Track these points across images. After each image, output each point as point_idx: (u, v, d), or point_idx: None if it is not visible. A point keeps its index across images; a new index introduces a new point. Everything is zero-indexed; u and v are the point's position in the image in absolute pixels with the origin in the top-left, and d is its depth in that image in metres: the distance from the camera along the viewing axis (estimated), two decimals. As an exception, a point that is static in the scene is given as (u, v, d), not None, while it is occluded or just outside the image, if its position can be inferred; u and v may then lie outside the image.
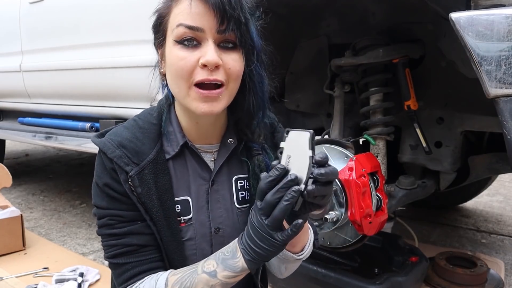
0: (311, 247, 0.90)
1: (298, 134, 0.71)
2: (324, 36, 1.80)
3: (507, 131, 0.87)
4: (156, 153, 0.81)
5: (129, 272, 0.79)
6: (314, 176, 0.68)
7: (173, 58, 0.74)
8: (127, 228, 0.80)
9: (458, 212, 2.89)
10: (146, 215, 0.80)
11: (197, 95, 0.74)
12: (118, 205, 0.80)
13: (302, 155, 0.70)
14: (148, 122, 0.84)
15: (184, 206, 0.84)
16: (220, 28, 0.72)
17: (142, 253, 0.80)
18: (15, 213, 2.08)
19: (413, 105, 1.54)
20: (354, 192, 1.31)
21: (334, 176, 0.69)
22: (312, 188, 0.67)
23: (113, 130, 0.84)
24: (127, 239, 0.79)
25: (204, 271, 0.74)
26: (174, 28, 0.74)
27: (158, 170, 0.80)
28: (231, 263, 0.73)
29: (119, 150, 0.79)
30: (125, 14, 2.01)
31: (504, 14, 0.86)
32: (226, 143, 0.88)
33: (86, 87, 2.33)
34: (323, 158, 0.69)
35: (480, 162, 1.76)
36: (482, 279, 1.69)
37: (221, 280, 0.73)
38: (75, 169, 4.31)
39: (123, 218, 0.80)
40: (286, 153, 0.72)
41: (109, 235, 0.80)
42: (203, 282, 0.73)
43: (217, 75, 0.73)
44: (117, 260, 0.80)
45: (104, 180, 0.79)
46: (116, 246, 0.80)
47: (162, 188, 0.81)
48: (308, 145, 0.69)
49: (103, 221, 0.81)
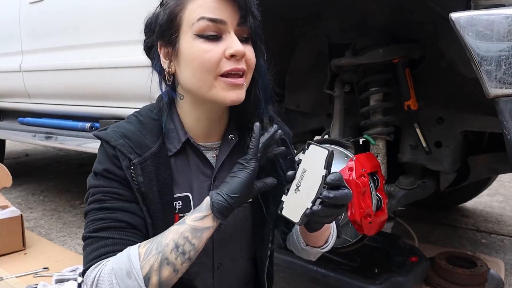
0: (334, 237, 0.93)
1: (317, 150, 0.71)
2: (324, 36, 1.80)
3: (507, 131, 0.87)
4: (158, 147, 0.81)
5: (105, 248, 0.73)
6: (323, 197, 0.68)
7: (196, 51, 0.74)
8: (122, 204, 0.76)
9: (458, 212, 2.89)
10: (143, 205, 0.78)
11: (225, 84, 0.75)
12: (115, 185, 0.77)
13: (316, 173, 0.69)
14: (149, 117, 0.84)
15: (185, 203, 0.84)
16: (240, 21, 0.75)
17: (129, 233, 0.75)
18: (15, 213, 2.08)
19: (413, 105, 1.54)
20: (354, 192, 1.31)
21: (343, 201, 0.69)
22: (318, 209, 0.68)
23: (115, 124, 0.84)
24: (118, 214, 0.75)
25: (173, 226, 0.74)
26: (195, 22, 0.74)
27: (160, 164, 0.80)
28: (198, 208, 0.75)
29: (122, 139, 0.78)
30: (125, 14, 2.01)
31: (504, 14, 0.86)
32: (228, 139, 0.88)
33: (86, 87, 2.33)
34: (335, 180, 0.68)
35: (480, 162, 1.76)
36: (482, 279, 1.69)
37: (189, 225, 0.72)
38: (75, 169, 4.31)
39: (119, 196, 0.77)
40: (303, 166, 0.72)
41: (98, 209, 0.75)
42: (172, 231, 0.73)
43: (243, 65, 0.76)
44: (98, 233, 0.74)
45: (105, 165, 0.78)
46: (103, 220, 0.74)
47: (162, 182, 0.80)
48: (324, 164, 0.69)
49: (95, 197, 0.77)
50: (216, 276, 0.89)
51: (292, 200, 0.73)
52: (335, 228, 0.94)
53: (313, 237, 0.89)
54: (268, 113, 0.90)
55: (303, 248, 0.92)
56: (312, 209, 0.68)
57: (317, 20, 1.77)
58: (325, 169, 0.68)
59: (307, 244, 0.92)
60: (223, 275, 0.90)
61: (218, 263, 0.89)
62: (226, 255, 0.89)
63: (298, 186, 0.72)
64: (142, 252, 0.70)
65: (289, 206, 0.73)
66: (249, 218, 0.91)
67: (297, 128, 2.00)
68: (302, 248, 0.93)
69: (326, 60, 1.78)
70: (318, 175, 0.69)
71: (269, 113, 0.92)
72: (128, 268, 0.69)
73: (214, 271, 0.89)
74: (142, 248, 0.71)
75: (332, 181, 0.68)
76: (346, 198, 0.69)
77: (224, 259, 0.89)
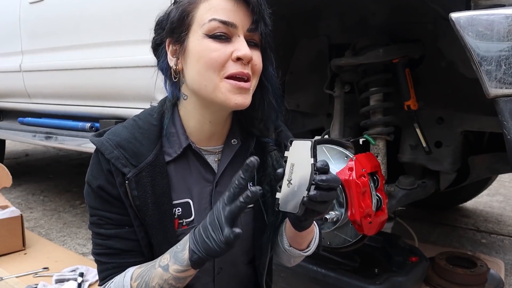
0: (317, 243, 0.94)
1: (301, 143, 0.74)
2: (324, 36, 1.80)
3: (507, 131, 0.87)
4: (155, 156, 0.80)
5: (108, 271, 0.83)
6: (316, 182, 0.70)
7: (203, 50, 0.75)
8: (114, 231, 0.82)
9: (458, 212, 2.89)
10: (136, 219, 0.80)
11: (231, 86, 0.75)
12: (108, 208, 0.81)
13: (305, 163, 0.72)
14: (148, 123, 0.84)
15: (185, 209, 0.84)
16: (251, 27, 0.75)
17: (123, 257, 0.82)
18: (15, 213, 2.07)
19: (413, 105, 1.54)
20: (354, 192, 1.30)
21: (335, 182, 0.71)
22: (315, 194, 0.69)
23: (112, 129, 0.83)
24: (111, 242, 0.82)
25: (160, 265, 0.75)
26: (206, 22, 0.74)
27: (156, 173, 0.80)
28: (180, 256, 0.73)
29: (117, 150, 0.78)
30: (125, 14, 2.01)
31: (504, 14, 0.86)
32: (230, 144, 0.88)
33: (86, 87, 2.33)
34: (324, 165, 0.71)
35: (480, 162, 1.76)
36: (482, 279, 1.69)
37: (172, 274, 0.73)
38: (75, 169, 4.31)
39: (112, 221, 0.82)
40: (290, 162, 0.75)
41: (97, 234, 0.83)
42: (158, 276, 0.75)
43: (249, 70, 0.76)
44: (100, 258, 0.84)
45: (99, 182, 0.79)
46: (101, 246, 0.83)
47: (159, 191, 0.80)
48: (310, 153, 0.72)
49: (93, 219, 0.83)
50: (217, 281, 0.90)
51: (286, 194, 0.74)
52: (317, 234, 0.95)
53: (299, 238, 0.89)
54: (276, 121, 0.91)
55: (286, 248, 0.92)
56: (309, 195, 0.69)
57: (317, 20, 1.77)
58: (312, 157, 0.72)
59: (290, 245, 0.92)
60: (223, 280, 0.90)
61: (219, 268, 0.89)
62: (227, 260, 0.89)
63: (290, 180, 0.74)
64: (134, 286, 0.77)
65: (285, 200, 0.74)
66: (250, 223, 0.91)
67: (297, 128, 2.00)
68: (285, 249, 0.93)
69: (326, 60, 1.78)
70: (307, 164, 0.72)
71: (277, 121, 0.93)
72: None
73: (215, 276, 0.89)
74: (134, 282, 0.77)
75: (322, 166, 0.71)
76: (337, 180, 0.72)
77: (225, 264, 0.90)
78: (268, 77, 0.84)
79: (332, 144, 1.47)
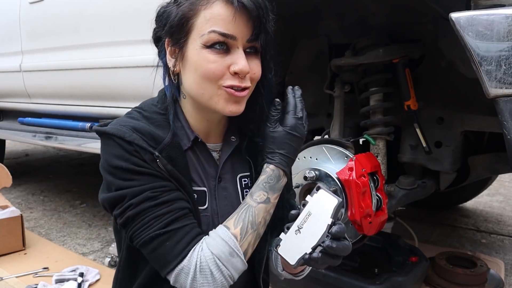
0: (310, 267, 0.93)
1: (327, 197, 0.71)
2: (324, 36, 1.80)
3: (507, 131, 0.87)
4: (171, 137, 0.80)
5: (190, 234, 0.76)
6: (325, 247, 0.68)
7: (201, 60, 0.74)
8: (176, 194, 0.77)
9: (458, 212, 2.89)
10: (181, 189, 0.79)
11: (227, 95, 0.76)
12: (155, 179, 0.76)
13: (322, 220, 0.70)
14: (154, 112, 0.83)
15: (200, 196, 0.83)
16: (251, 37, 0.75)
17: (192, 217, 0.79)
18: (15, 213, 2.08)
19: (413, 105, 1.54)
20: (354, 192, 1.31)
21: (344, 253, 0.70)
22: (317, 257, 0.69)
23: (117, 120, 0.80)
24: (179, 204, 0.76)
25: (259, 202, 0.80)
26: (205, 33, 0.73)
27: (176, 153, 0.79)
28: (279, 185, 0.82)
29: (135, 134, 0.76)
30: (125, 14, 2.01)
31: (504, 14, 0.86)
32: (229, 140, 0.89)
33: (86, 87, 2.33)
34: (339, 232, 0.69)
35: (480, 162, 1.76)
36: (482, 279, 1.69)
37: (273, 203, 0.81)
38: (75, 169, 4.31)
39: (167, 188, 0.76)
40: (308, 209, 0.72)
41: (157, 205, 0.75)
42: (262, 210, 0.79)
43: (246, 82, 0.77)
44: (172, 226, 0.75)
45: (131, 160, 0.75)
46: (170, 213, 0.75)
47: (181, 171, 0.79)
48: (332, 213, 0.69)
49: (142, 196, 0.75)
50: None
51: (291, 240, 0.73)
52: None
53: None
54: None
55: (279, 272, 0.94)
56: (311, 256, 0.68)
57: (317, 20, 1.77)
58: (332, 218, 0.69)
59: (283, 269, 0.93)
60: None
61: None
62: None
63: (300, 228, 0.72)
64: (237, 233, 0.77)
65: (287, 245, 0.73)
66: None
67: (297, 128, 2.00)
68: (278, 272, 0.94)
69: (326, 60, 1.78)
70: (323, 222, 0.69)
71: None
72: (229, 250, 0.75)
73: None
74: (235, 229, 0.77)
75: (337, 233, 0.69)
76: (346, 251, 0.70)
77: None
78: (265, 84, 0.84)
79: (332, 144, 1.47)
